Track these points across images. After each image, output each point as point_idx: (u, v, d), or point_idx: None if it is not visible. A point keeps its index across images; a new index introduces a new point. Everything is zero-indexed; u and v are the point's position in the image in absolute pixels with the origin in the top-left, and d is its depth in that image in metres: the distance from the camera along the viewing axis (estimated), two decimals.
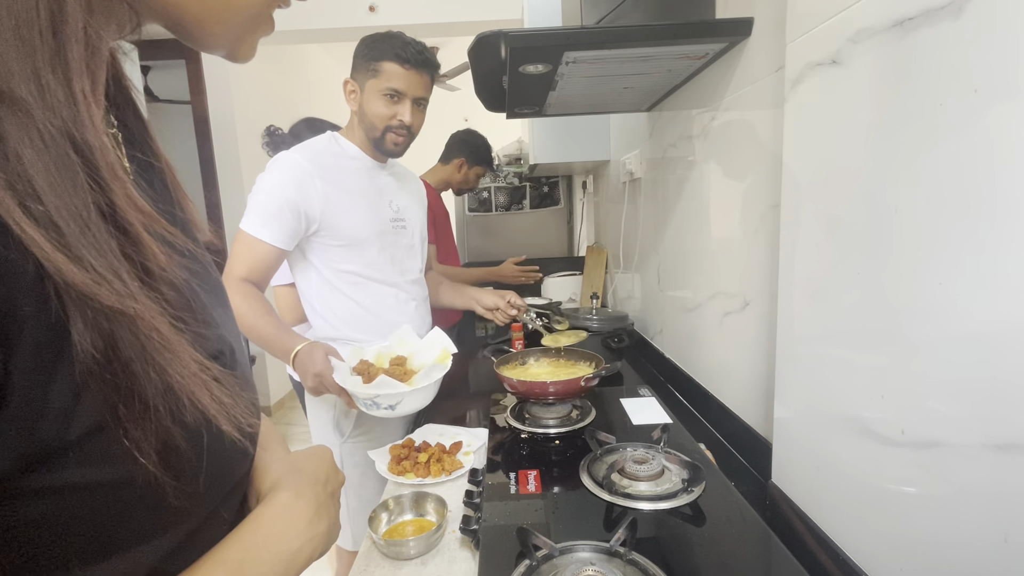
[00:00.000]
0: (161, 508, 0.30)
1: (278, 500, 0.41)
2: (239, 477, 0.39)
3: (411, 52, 1.16)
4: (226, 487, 0.37)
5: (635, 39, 0.89)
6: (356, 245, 1.20)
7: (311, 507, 0.42)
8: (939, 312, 0.47)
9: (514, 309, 1.45)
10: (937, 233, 0.46)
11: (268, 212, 1.11)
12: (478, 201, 2.86)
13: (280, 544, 0.39)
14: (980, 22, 0.42)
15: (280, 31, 3.11)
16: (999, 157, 0.41)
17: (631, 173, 1.66)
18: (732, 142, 0.98)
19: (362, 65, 1.19)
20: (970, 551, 0.45)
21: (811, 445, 0.67)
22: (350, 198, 1.18)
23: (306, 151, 1.16)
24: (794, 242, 0.69)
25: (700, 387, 1.17)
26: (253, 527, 0.38)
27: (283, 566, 0.38)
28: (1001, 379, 0.42)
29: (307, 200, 1.13)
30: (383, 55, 1.16)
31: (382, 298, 1.26)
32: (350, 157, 1.22)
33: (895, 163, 0.51)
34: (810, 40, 0.63)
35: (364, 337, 1.23)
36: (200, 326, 0.32)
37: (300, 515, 0.41)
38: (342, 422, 1.25)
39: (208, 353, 0.32)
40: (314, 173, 1.13)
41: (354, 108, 1.22)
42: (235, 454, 0.36)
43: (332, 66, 5.00)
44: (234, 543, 0.37)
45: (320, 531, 0.42)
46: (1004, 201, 0.41)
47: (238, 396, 0.33)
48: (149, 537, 0.31)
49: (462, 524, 0.73)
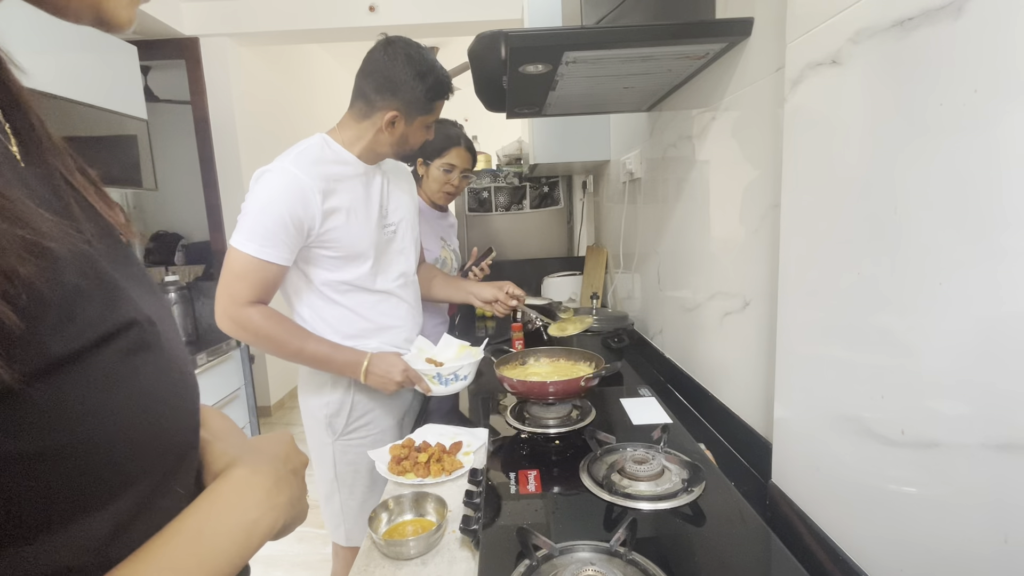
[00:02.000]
0: (92, 475, 0.30)
1: (234, 474, 0.41)
2: (181, 443, 0.38)
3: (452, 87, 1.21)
4: (161, 448, 0.35)
5: (635, 39, 0.89)
6: (352, 258, 1.18)
7: (269, 479, 0.42)
8: (939, 312, 0.47)
9: (513, 300, 1.42)
10: (937, 233, 0.46)
11: (270, 231, 1.06)
12: (478, 201, 2.86)
13: (238, 513, 0.39)
14: (980, 22, 0.42)
15: (280, 31, 3.12)
16: (999, 157, 0.41)
17: (631, 173, 1.66)
18: (732, 142, 0.98)
19: (416, 103, 1.15)
20: (970, 551, 0.45)
21: (811, 445, 0.67)
22: (346, 212, 1.15)
23: (302, 162, 1.10)
24: (794, 242, 0.69)
25: (700, 387, 1.17)
26: (210, 498, 0.38)
27: (243, 535, 0.38)
28: (1001, 379, 0.42)
29: (309, 216, 1.09)
30: (441, 96, 1.19)
31: (374, 304, 1.25)
32: (343, 162, 1.17)
33: (895, 163, 0.51)
34: (810, 40, 0.63)
35: (354, 344, 1.22)
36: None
37: (258, 486, 0.41)
38: (334, 420, 1.25)
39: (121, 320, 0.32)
40: (313, 187, 1.09)
41: (390, 134, 1.17)
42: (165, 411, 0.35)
43: (332, 66, 5.00)
44: (191, 514, 0.36)
45: (280, 502, 0.41)
46: (1004, 201, 0.41)
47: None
48: (91, 507, 0.30)
49: (462, 524, 0.73)
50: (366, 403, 1.26)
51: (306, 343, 1.14)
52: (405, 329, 1.31)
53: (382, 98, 1.14)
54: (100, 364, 0.29)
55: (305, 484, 0.47)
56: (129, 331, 0.32)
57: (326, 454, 1.27)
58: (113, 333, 0.30)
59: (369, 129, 1.17)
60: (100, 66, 2.15)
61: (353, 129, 1.18)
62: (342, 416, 1.25)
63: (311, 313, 1.21)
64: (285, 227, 1.07)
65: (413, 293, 1.36)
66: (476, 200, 2.85)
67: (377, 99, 1.14)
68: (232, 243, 1.09)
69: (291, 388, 3.90)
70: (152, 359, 0.33)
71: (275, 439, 0.48)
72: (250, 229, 1.07)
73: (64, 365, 0.28)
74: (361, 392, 1.25)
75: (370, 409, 1.27)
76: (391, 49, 1.14)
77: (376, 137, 1.17)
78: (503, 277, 2.40)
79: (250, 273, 1.08)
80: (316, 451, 1.28)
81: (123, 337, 0.31)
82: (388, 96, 1.14)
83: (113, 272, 0.33)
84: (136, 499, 0.33)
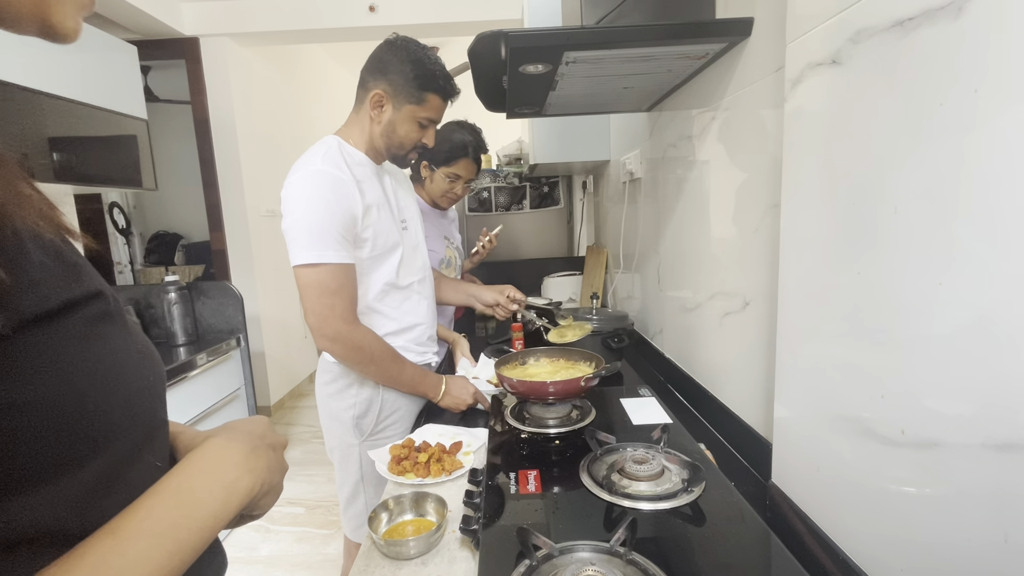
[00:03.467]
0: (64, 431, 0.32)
1: (209, 442, 0.42)
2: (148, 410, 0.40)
3: (451, 86, 1.18)
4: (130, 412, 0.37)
5: (635, 39, 0.89)
6: (385, 254, 1.18)
7: (245, 445, 0.43)
8: (939, 312, 0.47)
9: (514, 304, 1.43)
10: (937, 233, 0.46)
11: (337, 234, 1.05)
12: (478, 201, 2.86)
13: (216, 474, 0.40)
14: (980, 22, 0.42)
15: (280, 31, 3.12)
16: (999, 157, 0.41)
17: (631, 173, 1.66)
18: (732, 142, 0.98)
19: (405, 86, 1.13)
20: (970, 551, 0.45)
21: (811, 445, 0.67)
22: (375, 209, 1.15)
23: (333, 160, 1.09)
24: (794, 242, 0.69)
25: (700, 387, 1.17)
26: (188, 462, 0.40)
27: (222, 493, 0.39)
28: (1001, 379, 0.42)
29: (358, 210, 1.09)
30: (432, 86, 1.14)
31: (399, 303, 1.25)
32: (359, 163, 1.18)
33: (895, 163, 0.51)
34: (810, 40, 0.63)
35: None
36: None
37: (234, 450, 0.42)
38: (361, 422, 1.24)
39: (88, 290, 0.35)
40: (352, 182, 1.08)
41: (377, 120, 1.16)
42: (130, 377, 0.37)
43: (332, 66, 5.00)
44: (170, 477, 0.38)
45: (258, 466, 0.42)
46: (1004, 201, 0.41)
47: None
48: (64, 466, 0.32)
49: (462, 524, 0.73)
50: (393, 402, 1.27)
51: (404, 367, 1.20)
52: (426, 326, 1.32)
53: (372, 78, 1.15)
54: (71, 326, 0.33)
55: (285, 462, 0.49)
56: (96, 300, 0.35)
57: (352, 456, 1.26)
58: (81, 300, 0.34)
59: (364, 118, 1.18)
60: (100, 66, 2.15)
61: (355, 124, 1.20)
62: (370, 417, 1.25)
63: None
64: (346, 225, 1.07)
65: (430, 289, 1.37)
66: (476, 200, 2.85)
67: (369, 80, 1.16)
68: (303, 261, 1.04)
69: (291, 388, 3.90)
70: (116, 331, 0.36)
71: (251, 420, 0.49)
72: (317, 240, 1.04)
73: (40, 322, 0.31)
74: (388, 392, 1.25)
75: (396, 409, 1.27)
76: (395, 41, 1.16)
77: (371, 128, 1.18)
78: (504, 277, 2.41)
79: (344, 284, 1.07)
80: (340, 452, 1.28)
81: (91, 305, 0.34)
82: (377, 76, 1.15)
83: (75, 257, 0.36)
84: (109, 464, 0.35)
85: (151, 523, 0.34)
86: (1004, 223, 0.41)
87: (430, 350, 1.36)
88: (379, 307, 1.22)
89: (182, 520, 0.36)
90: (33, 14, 0.34)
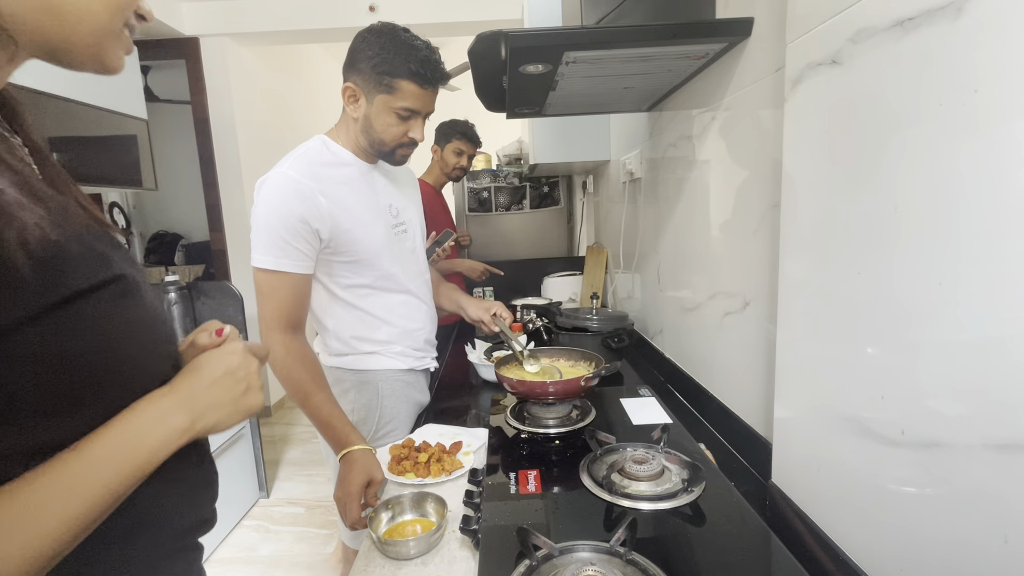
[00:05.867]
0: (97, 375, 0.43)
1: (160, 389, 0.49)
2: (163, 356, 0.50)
3: (429, 70, 1.06)
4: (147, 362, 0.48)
5: (635, 39, 0.89)
6: (366, 260, 1.15)
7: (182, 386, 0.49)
8: (939, 312, 0.47)
9: (496, 327, 1.31)
10: (937, 233, 0.46)
11: (283, 240, 1.02)
12: (478, 201, 2.86)
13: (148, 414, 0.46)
14: (980, 22, 0.42)
15: (280, 31, 3.12)
16: (999, 157, 0.41)
17: (631, 173, 1.66)
18: (732, 142, 0.98)
19: (371, 75, 1.06)
20: (970, 551, 0.45)
21: (811, 445, 0.67)
22: (354, 214, 1.10)
23: (300, 164, 1.06)
24: (794, 242, 0.69)
25: (700, 387, 1.17)
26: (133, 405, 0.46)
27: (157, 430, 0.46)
28: (1001, 379, 0.42)
29: (317, 217, 1.04)
30: (399, 72, 1.04)
31: (395, 306, 1.22)
32: (344, 164, 1.13)
33: (895, 163, 0.51)
34: (810, 40, 0.63)
35: (375, 349, 1.20)
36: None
37: (168, 393, 0.48)
38: (360, 428, 1.20)
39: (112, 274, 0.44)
40: (315, 189, 1.04)
41: (354, 115, 1.11)
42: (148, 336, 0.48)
43: (332, 66, 5.00)
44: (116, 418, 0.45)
45: (198, 405, 0.49)
46: (1004, 201, 0.41)
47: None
48: (86, 402, 0.42)
49: (462, 524, 0.73)
50: (393, 408, 1.24)
51: (315, 396, 1.04)
52: (425, 330, 1.30)
53: (345, 72, 1.10)
54: (103, 299, 0.43)
55: (257, 380, 0.55)
56: (120, 281, 0.45)
57: None
58: (108, 281, 0.44)
59: (347, 117, 1.13)
60: None
61: (343, 122, 1.16)
62: (370, 423, 1.22)
63: (335, 323, 1.19)
64: (296, 232, 1.03)
65: (428, 293, 1.34)
66: (476, 200, 2.85)
67: (344, 74, 1.11)
68: (252, 263, 1.04)
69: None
70: (135, 303, 0.47)
71: (217, 356, 0.53)
72: (263, 243, 1.03)
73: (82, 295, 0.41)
74: (389, 397, 1.23)
75: (396, 415, 1.25)
76: (368, 29, 1.09)
77: (353, 126, 1.13)
78: (504, 277, 2.43)
79: (276, 290, 1.04)
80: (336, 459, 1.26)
81: (116, 285, 0.44)
82: (349, 68, 1.09)
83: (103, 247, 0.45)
84: (125, 397, 0.45)
85: (94, 454, 0.42)
86: (1004, 223, 0.41)
87: (428, 355, 1.34)
88: (372, 309, 1.20)
89: (117, 453, 0.43)
90: (93, 58, 0.47)
